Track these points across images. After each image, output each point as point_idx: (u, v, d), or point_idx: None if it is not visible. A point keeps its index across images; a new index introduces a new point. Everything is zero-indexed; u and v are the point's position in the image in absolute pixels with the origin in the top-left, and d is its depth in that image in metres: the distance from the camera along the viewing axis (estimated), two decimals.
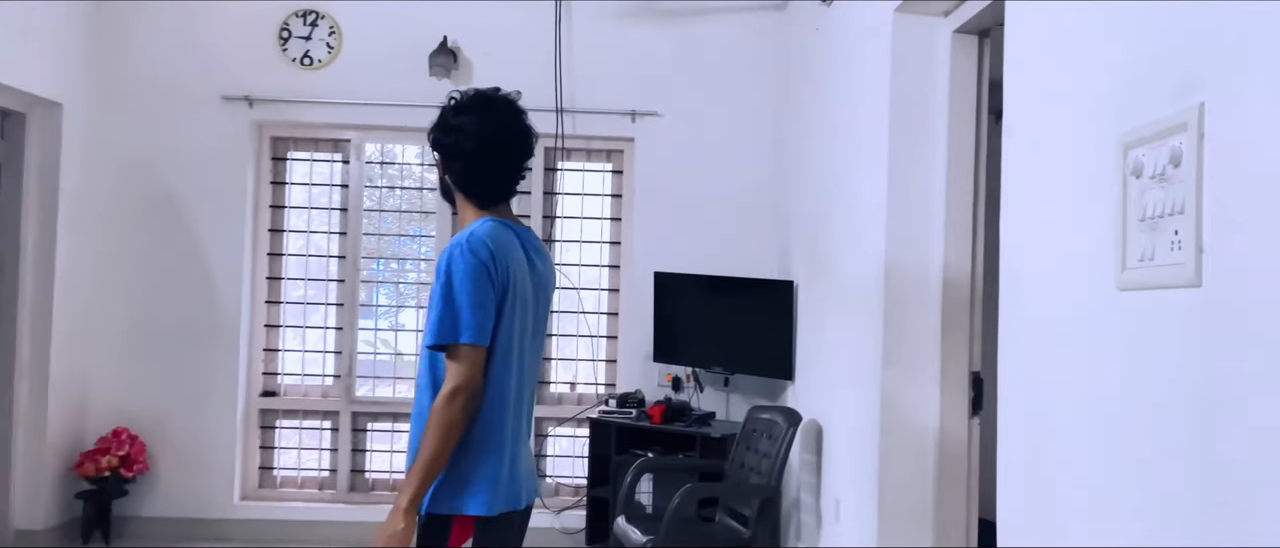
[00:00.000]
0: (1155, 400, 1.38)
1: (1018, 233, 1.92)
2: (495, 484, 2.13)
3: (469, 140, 2.22)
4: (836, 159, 3.79)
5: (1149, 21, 1.43)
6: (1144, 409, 1.41)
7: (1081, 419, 1.61)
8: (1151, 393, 1.39)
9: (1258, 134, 1.16)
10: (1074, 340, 1.64)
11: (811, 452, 3.98)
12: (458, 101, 2.28)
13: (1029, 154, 1.88)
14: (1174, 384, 1.33)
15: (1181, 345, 1.32)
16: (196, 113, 5.06)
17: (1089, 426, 1.58)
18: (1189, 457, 1.29)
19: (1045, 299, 1.77)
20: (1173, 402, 1.33)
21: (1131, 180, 1.43)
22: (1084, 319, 1.59)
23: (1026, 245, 1.87)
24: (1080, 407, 1.61)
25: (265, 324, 5.23)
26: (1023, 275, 1.88)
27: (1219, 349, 1.23)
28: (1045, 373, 1.77)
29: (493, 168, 2.25)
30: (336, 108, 5.10)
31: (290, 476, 5.26)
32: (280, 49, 5.10)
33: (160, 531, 4.96)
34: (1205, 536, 1.24)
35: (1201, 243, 1.25)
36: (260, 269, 5.20)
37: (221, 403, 5.04)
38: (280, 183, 5.27)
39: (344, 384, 5.22)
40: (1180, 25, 1.35)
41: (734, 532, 3.86)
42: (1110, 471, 1.50)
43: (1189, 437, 1.29)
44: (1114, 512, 1.48)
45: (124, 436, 4.84)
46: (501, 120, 2.26)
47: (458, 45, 5.11)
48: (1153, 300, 1.38)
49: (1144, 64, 1.43)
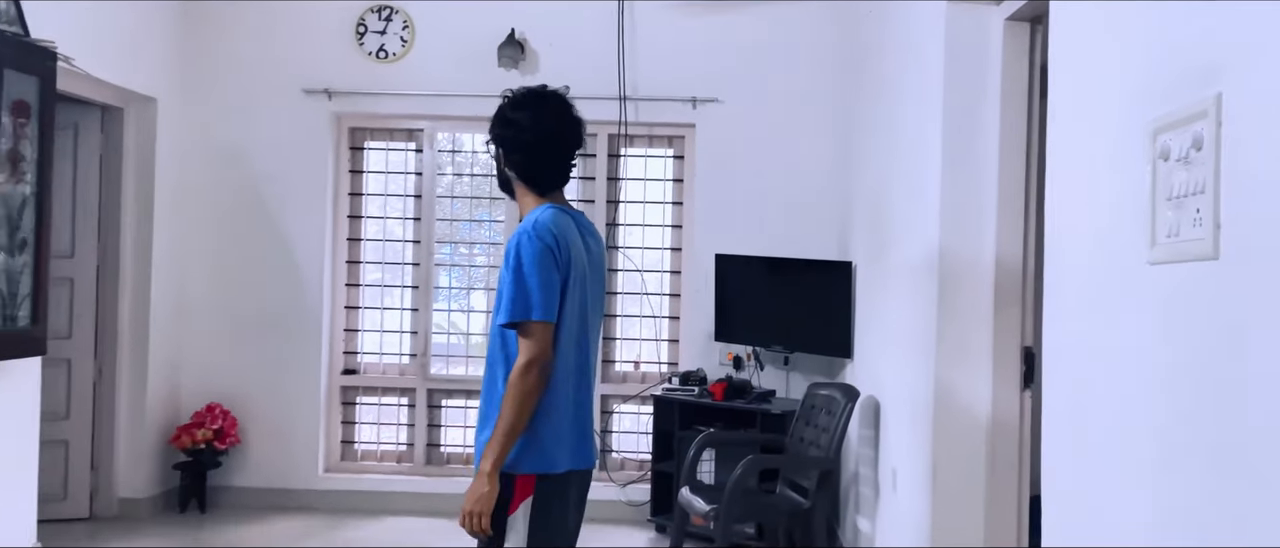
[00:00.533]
0: (1183, 363, 1.51)
1: (1061, 212, 2.05)
2: (555, 445, 2.33)
3: (526, 133, 2.42)
4: (895, 143, 3.91)
5: (1175, 18, 1.55)
6: (1173, 373, 1.54)
7: (1118, 386, 1.74)
8: (1178, 356, 1.52)
9: (1269, 121, 1.29)
10: (1111, 311, 1.77)
11: (870, 427, 4.11)
12: (513, 98, 2.47)
13: (1071, 138, 2.00)
14: (1197, 349, 1.46)
15: (1204, 313, 1.45)
16: (279, 106, 5.34)
17: (1125, 391, 1.71)
18: (1212, 417, 1.42)
19: (1085, 274, 1.89)
20: (1197, 365, 1.46)
21: (1160, 163, 1.56)
22: (1120, 291, 1.72)
23: (1068, 223, 1.99)
24: (1118, 374, 1.74)
25: (346, 306, 5.51)
26: (1065, 252, 2.01)
27: (1234, 314, 1.36)
28: (1085, 343, 1.90)
29: (549, 158, 2.45)
30: (410, 99, 5.34)
31: (370, 449, 5.55)
32: (357, 43, 5.35)
33: (250, 500, 5.28)
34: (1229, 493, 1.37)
35: (1219, 219, 1.38)
36: (340, 254, 5.48)
37: (306, 380, 5.34)
38: (357, 171, 5.54)
39: (419, 363, 5.48)
40: (1202, 22, 1.47)
41: (794, 502, 4.02)
42: (1144, 433, 1.63)
43: (1211, 398, 1.42)
44: (1149, 472, 1.61)
45: (216, 410, 5.15)
46: (555, 114, 2.45)
47: (524, 37, 5.31)
48: (1178, 273, 1.51)
49: (1171, 57, 1.56)
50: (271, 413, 5.32)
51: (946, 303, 3.11)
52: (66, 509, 4.86)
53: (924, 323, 3.27)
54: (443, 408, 5.55)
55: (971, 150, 3.06)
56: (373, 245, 5.59)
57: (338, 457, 5.51)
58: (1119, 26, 1.77)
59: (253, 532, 4.88)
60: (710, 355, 5.25)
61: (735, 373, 5.13)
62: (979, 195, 3.05)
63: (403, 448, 5.54)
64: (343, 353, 5.52)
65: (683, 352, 5.42)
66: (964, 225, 3.07)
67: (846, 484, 4.58)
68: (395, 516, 5.22)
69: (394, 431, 5.56)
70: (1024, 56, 2.97)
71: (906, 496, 3.49)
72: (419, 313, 5.50)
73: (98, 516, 4.97)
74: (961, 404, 3.09)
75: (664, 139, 5.51)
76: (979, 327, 3.04)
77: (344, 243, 5.50)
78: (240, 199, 5.35)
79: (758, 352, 5.15)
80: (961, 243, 3.08)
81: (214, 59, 5.34)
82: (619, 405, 5.48)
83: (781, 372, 5.14)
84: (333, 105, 5.36)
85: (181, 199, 5.25)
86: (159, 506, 5.15)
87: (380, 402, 5.57)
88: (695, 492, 4.09)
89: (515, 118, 2.44)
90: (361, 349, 5.56)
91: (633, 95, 5.31)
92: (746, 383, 4.97)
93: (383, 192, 5.58)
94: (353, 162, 5.53)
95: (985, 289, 3.03)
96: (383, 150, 5.57)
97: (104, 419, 5.00)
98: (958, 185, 3.09)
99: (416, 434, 5.51)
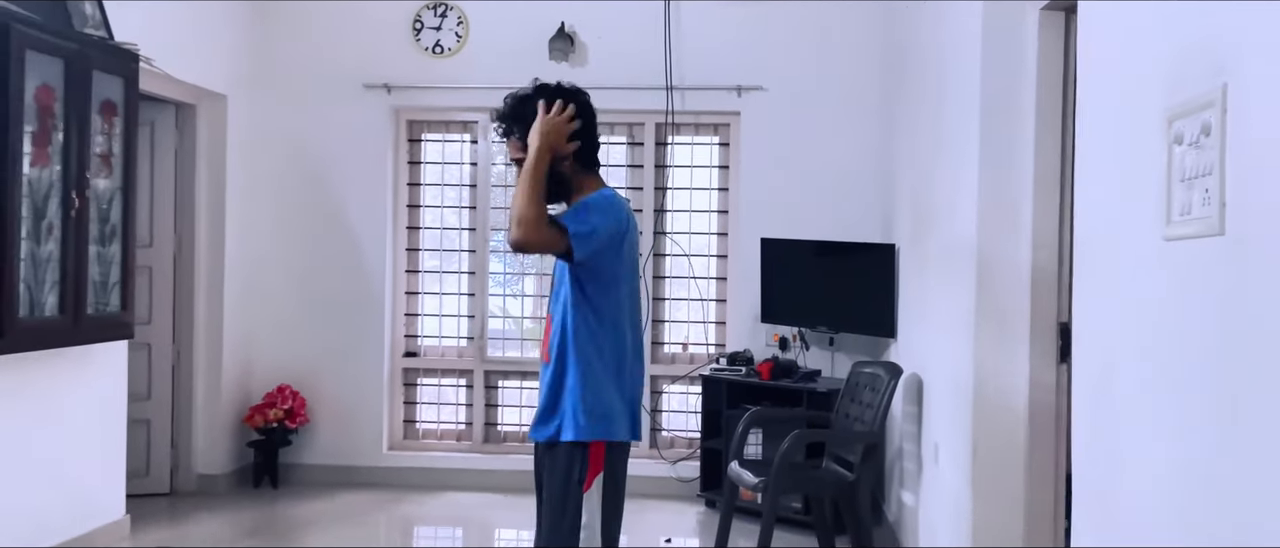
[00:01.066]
0: (1195, 330, 1.65)
1: (1089, 192, 2.18)
2: (619, 416, 2.52)
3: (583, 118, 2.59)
4: (935, 126, 4.04)
5: (1187, 12, 1.69)
6: (1186, 338, 1.68)
7: (1140, 351, 1.88)
8: (1191, 324, 1.66)
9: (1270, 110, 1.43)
10: (1133, 284, 1.91)
11: (913, 403, 4.25)
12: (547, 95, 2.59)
13: (1097, 123, 2.14)
14: (1207, 318, 1.60)
15: (1215, 285, 1.59)
16: (341, 100, 5.59)
17: (1145, 356, 1.85)
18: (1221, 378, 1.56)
19: (1111, 251, 2.03)
20: (1206, 331, 1.60)
21: (1175, 147, 1.69)
22: (1140, 266, 1.87)
23: (1096, 203, 2.13)
24: (1139, 341, 1.89)
25: (406, 291, 5.76)
26: (1093, 230, 2.15)
27: (1238, 286, 1.50)
28: (1112, 314, 2.04)
29: (596, 137, 2.65)
30: (464, 92, 5.55)
31: (431, 428, 5.80)
32: (414, 40, 5.57)
33: (318, 477, 5.55)
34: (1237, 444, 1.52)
35: (1224, 199, 1.52)
36: (400, 241, 5.73)
37: (370, 363, 5.60)
38: (415, 162, 5.77)
39: (477, 346, 5.71)
40: (1211, 17, 1.61)
41: (840, 476, 4.17)
42: (1163, 394, 1.78)
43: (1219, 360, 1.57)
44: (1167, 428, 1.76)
45: (287, 391, 5.42)
46: (583, 101, 2.63)
47: (574, 30, 5.49)
48: (1191, 248, 1.65)
49: (1184, 49, 1.69)
50: (338, 394, 5.58)
51: (985, 282, 3.24)
52: (149, 485, 5.16)
53: (963, 301, 3.40)
54: (499, 389, 5.78)
55: (1009, 134, 3.19)
56: (430, 233, 5.82)
57: (400, 436, 5.77)
58: (1138, 20, 1.90)
59: (322, 506, 5.15)
60: (757, 337, 5.41)
61: (781, 354, 5.29)
62: (1017, 176, 3.17)
63: (462, 427, 5.78)
64: (404, 337, 5.77)
65: (730, 333, 5.58)
66: (1002, 206, 3.20)
67: (891, 459, 4.73)
68: (454, 491, 5.46)
69: (453, 410, 5.81)
70: (1059, 45, 3.08)
71: (948, 469, 3.63)
72: (475, 298, 5.73)
73: (178, 490, 5.27)
74: (1000, 379, 3.22)
75: (710, 127, 5.67)
76: (1017, 302, 3.17)
77: (403, 231, 5.74)
78: (305, 190, 5.61)
79: (803, 332, 5.29)
80: (999, 223, 3.21)
81: (280, 57, 5.60)
82: (668, 385, 5.66)
83: (827, 352, 5.29)
84: (391, 99, 5.59)
85: (251, 191, 5.52)
86: (234, 481, 5.44)
87: (440, 383, 5.82)
88: (743, 467, 4.25)
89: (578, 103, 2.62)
90: (421, 333, 5.80)
91: (679, 84, 5.47)
92: (793, 363, 5.12)
93: (439, 182, 5.80)
94: (411, 153, 5.77)
95: (1023, 266, 3.15)
96: (439, 142, 5.80)
97: (182, 400, 5.29)
98: (996, 167, 3.22)
99: (474, 414, 5.74)
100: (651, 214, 5.58)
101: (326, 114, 5.60)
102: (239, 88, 5.44)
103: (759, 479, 4.04)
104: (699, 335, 5.72)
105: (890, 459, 4.74)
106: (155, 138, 5.18)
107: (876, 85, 5.34)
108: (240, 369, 5.50)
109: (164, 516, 4.90)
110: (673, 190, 5.68)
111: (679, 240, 5.65)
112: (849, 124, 5.39)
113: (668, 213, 5.66)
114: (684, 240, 5.66)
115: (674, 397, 5.70)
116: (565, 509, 2.48)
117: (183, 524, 4.79)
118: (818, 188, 5.39)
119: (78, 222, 3.88)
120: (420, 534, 5.17)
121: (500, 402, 5.77)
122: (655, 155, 5.65)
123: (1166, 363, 1.75)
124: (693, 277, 5.67)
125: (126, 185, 4.23)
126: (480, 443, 5.73)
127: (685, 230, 5.69)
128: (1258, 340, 1.45)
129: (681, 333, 5.73)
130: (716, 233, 5.68)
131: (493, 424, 5.77)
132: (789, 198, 5.39)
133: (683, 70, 5.47)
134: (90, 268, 3.98)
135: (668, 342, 5.71)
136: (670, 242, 5.65)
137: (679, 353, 5.70)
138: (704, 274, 5.68)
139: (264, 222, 5.58)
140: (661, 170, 5.66)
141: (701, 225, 5.70)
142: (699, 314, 5.72)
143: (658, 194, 5.64)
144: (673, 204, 5.68)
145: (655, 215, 5.59)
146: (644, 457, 5.48)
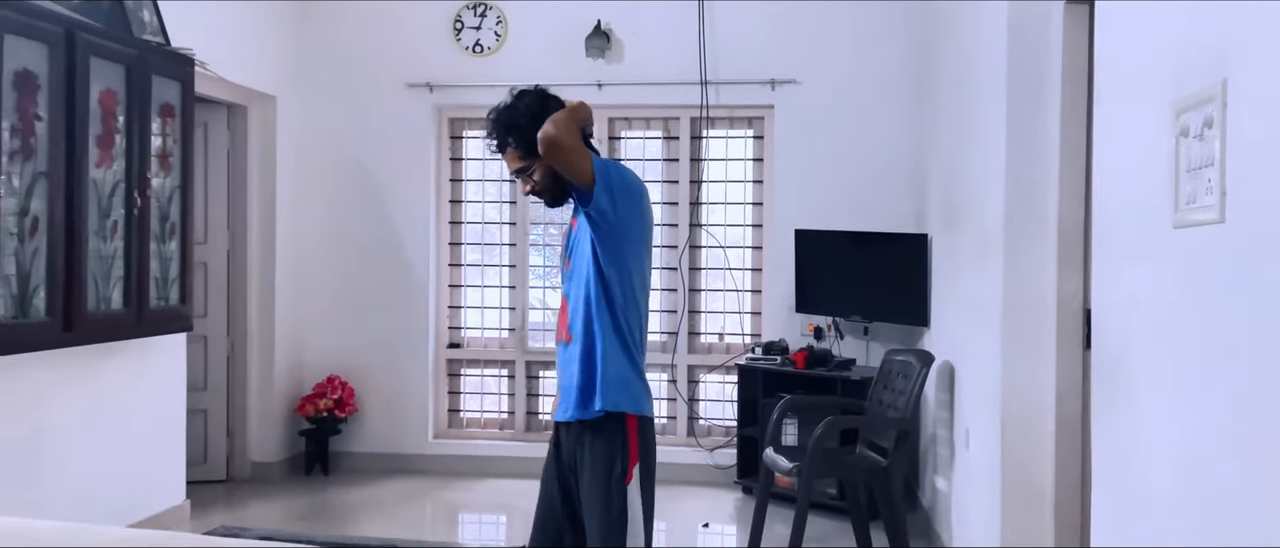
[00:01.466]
0: (1200, 311, 1.74)
1: (1106, 182, 2.27)
2: (649, 392, 2.60)
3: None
4: (964, 118, 4.11)
5: (1193, 11, 1.77)
6: (1192, 319, 1.77)
7: (1152, 333, 1.97)
8: (1197, 305, 1.75)
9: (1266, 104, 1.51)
10: (1146, 269, 2.00)
11: (945, 390, 4.33)
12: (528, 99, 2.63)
13: (1113, 116, 2.22)
14: (1210, 298, 1.69)
15: (1219, 269, 1.68)
16: (385, 99, 5.76)
17: (1156, 340, 1.94)
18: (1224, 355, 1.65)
19: (1126, 237, 2.12)
20: (1210, 312, 1.69)
21: (1181, 139, 1.78)
22: (1152, 251, 1.95)
23: (1112, 193, 2.22)
24: (1151, 323, 1.97)
25: (449, 285, 5.92)
26: (1110, 219, 2.23)
27: (1238, 268, 1.59)
28: (1127, 299, 2.12)
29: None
30: (504, 90, 5.58)
31: (474, 417, 5.97)
32: (454, 39, 5.73)
33: (367, 464, 5.74)
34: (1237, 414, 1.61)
35: (1224, 188, 1.61)
36: (443, 236, 5.89)
37: (415, 354, 5.77)
38: (457, 159, 5.93)
39: (518, 337, 5.87)
40: (1213, 16, 1.69)
41: (873, 461, 4.26)
42: (1170, 374, 1.87)
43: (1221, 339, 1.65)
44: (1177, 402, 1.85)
45: (336, 382, 5.61)
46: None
47: (610, 28, 5.61)
48: (1196, 234, 1.74)
49: (1189, 45, 1.78)
50: (385, 384, 5.77)
51: (1012, 270, 3.32)
52: (206, 472, 5.38)
53: (991, 289, 3.48)
54: (540, 378, 5.93)
55: (1034, 126, 3.26)
56: (472, 228, 5.98)
57: (445, 424, 5.94)
58: (1149, 16, 1.98)
59: (371, 493, 5.33)
60: (792, 327, 5.50)
61: (816, 343, 5.37)
62: (1043, 167, 3.25)
63: (504, 416, 5.95)
64: (448, 328, 5.94)
65: (765, 323, 5.68)
66: (1028, 196, 3.27)
67: (924, 446, 4.81)
68: (497, 478, 5.62)
69: (496, 400, 5.97)
70: (1083, 38, 3.14)
71: (979, 453, 3.72)
72: (516, 290, 5.88)
73: (234, 477, 5.49)
74: (1028, 365, 3.30)
75: (744, 120, 5.76)
76: (1043, 292, 3.24)
77: (447, 226, 5.91)
78: (352, 187, 5.79)
79: (837, 322, 5.38)
80: (1026, 213, 3.29)
81: (325, 58, 5.78)
82: (705, 375, 5.78)
83: (861, 341, 5.37)
84: (434, 98, 5.75)
85: (300, 188, 5.71)
86: (287, 469, 5.65)
87: (483, 373, 5.98)
88: (779, 453, 4.36)
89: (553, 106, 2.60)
90: (464, 325, 5.97)
91: (713, 79, 5.57)
92: (827, 352, 5.21)
93: (480, 177, 5.96)
94: (453, 150, 5.93)
95: (1049, 256, 3.23)
96: (480, 139, 5.93)
97: (237, 390, 5.51)
98: (1022, 157, 3.29)
99: (516, 403, 5.90)
100: (687, 207, 5.70)
101: (371, 113, 5.78)
102: (287, 89, 5.63)
103: (794, 464, 4.14)
104: (735, 326, 5.82)
105: (924, 446, 4.82)
106: (209, 138, 5.38)
107: (908, 78, 5.40)
108: (291, 361, 5.70)
109: (221, 501, 5.11)
110: (708, 184, 5.78)
111: (714, 233, 5.75)
112: (881, 116, 5.46)
113: (703, 206, 5.77)
114: (719, 233, 5.77)
115: (711, 386, 5.81)
116: (609, 505, 2.47)
117: (239, 509, 4.99)
118: (851, 179, 5.47)
119: (140, 220, 4.07)
120: (465, 520, 5.33)
121: (541, 391, 5.92)
122: (691, 149, 5.75)
123: (1176, 344, 1.84)
124: (728, 268, 5.77)
125: (184, 184, 4.42)
126: (522, 432, 5.89)
127: (720, 222, 5.79)
128: (1258, 324, 1.54)
129: (717, 323, 5.84)
130: (751, 225, 5.78)
131: (534, 413, 5.92)
132: (822, 190, 5.47)
133: (717, 65, 5.57)
134: (151, 264, 4.18)
135: (704, 332, 5.82)
136: (706, 234, 5.76)
137: (715, 343, 5.81)
138: (739, 266, 5.79)
139: (313, 218, 5.78)
140: (697, 164, 5.77)
141: (736, 217, 5.80)
142: (735, 305, 5.82)
143: (693, 188, 5.75)
144: (708, 197, 5.79)
145: (691, 208, 5.70)
146: (682, 444, 5.60)
